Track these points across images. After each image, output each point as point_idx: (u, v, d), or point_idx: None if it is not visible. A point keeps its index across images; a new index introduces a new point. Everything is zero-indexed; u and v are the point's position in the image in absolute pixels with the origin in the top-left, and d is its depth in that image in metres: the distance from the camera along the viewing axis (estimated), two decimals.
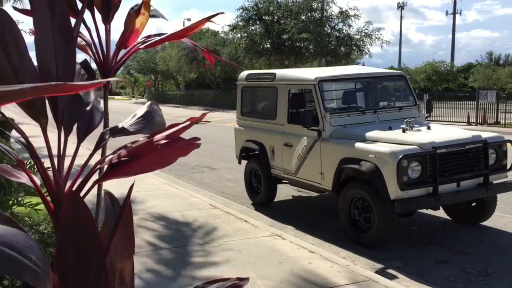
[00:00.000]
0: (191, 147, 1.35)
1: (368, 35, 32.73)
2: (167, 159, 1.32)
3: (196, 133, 5.44)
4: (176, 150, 1.32)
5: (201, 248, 5.37)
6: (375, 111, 6.73)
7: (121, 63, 1.58)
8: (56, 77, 1.04)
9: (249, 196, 8.11)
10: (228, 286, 1.29)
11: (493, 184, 5.94)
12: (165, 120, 1.60)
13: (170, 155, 1.32)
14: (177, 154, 1.33)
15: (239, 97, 8.35)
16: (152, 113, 1.46)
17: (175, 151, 1.32)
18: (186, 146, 1.34)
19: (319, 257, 5.09)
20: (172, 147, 1.31)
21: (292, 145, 6.90)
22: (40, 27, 1.04)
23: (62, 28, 1.02)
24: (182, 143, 1.33)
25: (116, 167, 1.18)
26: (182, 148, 1.33)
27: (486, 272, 5.00)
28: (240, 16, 33.97)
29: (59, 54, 1.02)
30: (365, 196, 5.70)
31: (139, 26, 1.52)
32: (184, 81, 54.63)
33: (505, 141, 6.11)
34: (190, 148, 1.35)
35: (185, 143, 1.34)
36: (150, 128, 1.40)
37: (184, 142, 1.34)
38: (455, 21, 59.29)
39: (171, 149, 1.31)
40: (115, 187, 6.89)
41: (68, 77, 1.05)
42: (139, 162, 1.17)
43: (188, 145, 1.34)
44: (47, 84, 0.71)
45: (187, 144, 1.34)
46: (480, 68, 44.22)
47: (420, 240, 6.15)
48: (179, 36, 1.57)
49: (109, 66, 1.52)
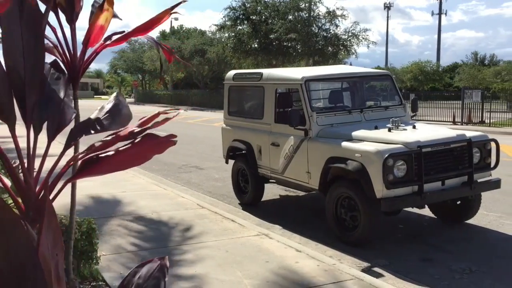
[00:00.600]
0: (166, 144, 1.34)
1: (355, 35, 32.88)
2: (142, 157, 1.31)
3: (184, 133, 5.50)
4: (151, 147, 1.32)
5: (187, 248, 5.35)
6: (361, 110, 6.77)
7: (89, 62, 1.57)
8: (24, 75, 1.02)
9: (237, 195, 8.11)
10: (156, 266, 1.32)
11: (478, 182, 6.01)
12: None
13: (145, 152, 1.31)
14: (153, 151, 1.32)
15: (226, 97, 8.34)
16: (119, 105, 1.45)
17: (150, 148, 1.31)
18: (162, 143, 1.33)
19: (306, 256, 5.11)
20: (147, 144, 1.30)
21: (279, 145, 6.91)
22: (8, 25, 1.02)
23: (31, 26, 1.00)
24: (158, 140, 1.32)
25: (90, 165, 1.16)
26: (158, 145, 1.32)
27: (471, 269, 5.06)
28: (227, 15, 33.94)
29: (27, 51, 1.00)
30: (352, 195, 5.73)
31: (104, 22, 1.51)
32: (171, 80, 54.41)
33: (489, 140, 6.19)
34: (166, 145, 1.34)
35: (161, 140, 1.33)
36: (118, 122, 1.39)
37: (160, 139, 1.33)
38: (440, 22, 60.00)
39: (146, 146, 1.30)
40: (99, 187, 6.88)
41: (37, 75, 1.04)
42: (114, 159, 1.16)
43: (163, 142, 1.33)
44: None
45: (162, 141, 1.33)
46: (465, 68, 44.68)
47: (406, 238, 6.20)
48: (143, 30, 1.56)
49: (76, 65, 1.51)
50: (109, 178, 9.18)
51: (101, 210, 6.98)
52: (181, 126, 23.22)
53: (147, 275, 1.35)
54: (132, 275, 1.37)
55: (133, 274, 1.38)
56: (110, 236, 5.75)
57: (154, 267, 1.40)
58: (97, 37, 1.65)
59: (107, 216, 6.61)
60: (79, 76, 1.66)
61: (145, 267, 1.40)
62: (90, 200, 7.59)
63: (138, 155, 1.29)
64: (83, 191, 7.99)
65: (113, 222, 6.34)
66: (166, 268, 1.39)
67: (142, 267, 1.40)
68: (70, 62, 1.62)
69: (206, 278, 4.49)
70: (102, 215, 6.66)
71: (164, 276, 1.37)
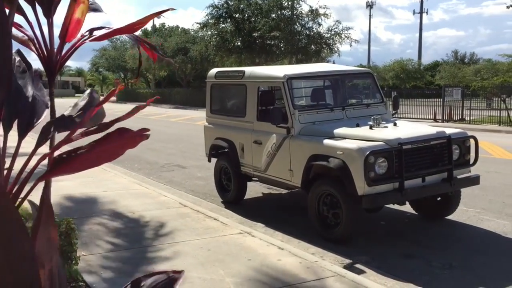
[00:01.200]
0: (139, 138, 1.32)
1: (338, 34, 33.09)
2: (115, 152, 1.28)
3: (166, 131, 5.47)
4: (123, 142, 1.29)
5: (169, 247, 5.32)
6: (343, 108, 6.80)
7: (66, 57, 1.53)
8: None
9: (219, 194, 8.09)
10: (165, 279, 1.27)
11: (457, 179, 6.08)
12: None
13: (118, 147, 1.29)
14: (125, 146, 1.30)
15: (208, 95, 8.30)
16: (92, 103, 1.42)
17: (123, 143, 1.29)
18: (134, 138, 1.31)
19: (288, 254, 5.11)
20: (119, 138, 1.28)
21: (261, 143, 6.90)
22: None
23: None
24: (130, 134, 1.30)
25: (61, 163, 1.13)
26: (130, 140, 1.30)
27: (451, 265, 5.12)
28: (210, 14, 33.82)
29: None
30: (334, 192, 5.75)
31: (80, 15, 1.47)
32: (154, 79, 54.05)
33: (468, 137, 6.27)
34: (138, 140, 1.32)
35: (133, 134, 1.30)
36: (92, 119, 1.36)
37: (132, 133, 1.30)
38: (422, 20, 60.61)
39: (118, 141, 1.28)
40: (79, 187, 6.80)
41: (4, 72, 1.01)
42: (85, 156, 1.14)
43: (136, 137, 1.31)
44: None
45: (135, 135, 1.31)
46: (446, 66, 45.23)
47: (387, 235, 6.26)
48: (126, 31, 1.53)
49: (53, 61, 1.47)
50: (90, 177, 9.08)
51: (81, 210, 6.89)
52: (164, 124, 23.08)
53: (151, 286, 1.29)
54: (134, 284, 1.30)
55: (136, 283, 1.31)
56: (91, 236, 5.68)
57: (161, 279, 1.31)
58: (74, 31, 1.61)
59: (88, 216, 6.53)
60: (56, 71, 1.62)
61: (151, 277, 1.32)
62: (70, 200, 7.49)
63: (110, 150, 1.26)
64: (64, 191, 7.89)
65: (94, 222, 6.27)
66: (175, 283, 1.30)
67: (149, 278, 1.33)
68: (46, 57, 1.58)
69: (188, 277, 4.46)
70: (83, 215, 6.58)
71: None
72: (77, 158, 1.13)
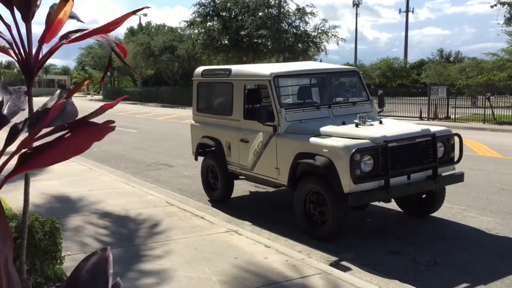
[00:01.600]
0: (105, 131, 1.32)
1: (325, 32, 33.20)
2: (81, 145, 1.29)
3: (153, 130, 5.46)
4: (89, 135, 1.29)
5: (156, 245, 5.30)
6: (329, 106, 6.83)
7: (44, 60, 1.53)
8: None
9: (206, 192, 8.07)
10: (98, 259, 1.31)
11: (442, 176, 6.14)
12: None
13: (84, 141, 1.29)
14: (91, 139, 1.30)
15: (195, 93, 8.28)
16: (63, 103, 1.41)
17: (88, 136, 1.29)
18: (100, 130, 1.31)
19: (275, 252, 5.13)
20: (85, 132, 1.28)
21: (248, 141, 6.90)
22: None
23: None
24: (95, 127, 1.30)
25: (28, 160, 1.13)
26: (96, 133, 1.30)
27: (435, 261, 5.18)
28: (197, 12, 33.71)
29: None
30: (320, 190, 5.78)
31: (63, 16, 1.47)
32: (141, 77, 53.72)
33: (453, 135, 6.33)
34: (104, 132, 1.32)
35: (99, 127, 1.31)
36: (61, 119, 1.36)
37: (98, 126, 1.31)
38: (407, 19, 61.07)
39: (84, 134, 1.28)
40: (65, 186, 6.74)
41: None
42: (52, 151, 1.13)
43: (101, 129, 1.31)
44: None
45: (100, 128, 1.31)
46: (431, 65, 45.66)
47: (373, 232, 6.30)
48: (103, 31, 1.52)
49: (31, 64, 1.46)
50: (75, 177, 9.01)
51: (67, 209, 6.83)
52: (151, 123, 22.97)
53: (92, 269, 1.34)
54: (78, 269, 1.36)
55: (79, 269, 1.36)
56: (77, 235, 5.64)
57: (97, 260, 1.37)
58: (53, 33, 1.61)
59: (74, 215, 6.48)
60: (33, 74, 1.62)
61: (90, 260, 1.39)
62: (55, 199, 7.42)
63: (76, 144, 1.26)
64: (48, 190, 7.82)
65: (80, 221, 6.22)
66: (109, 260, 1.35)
67: (87, 261, 1.38)
68: (24, 60, 1.58)
69: (174, 275, 4.45)
70: (68, 214, 6.53)
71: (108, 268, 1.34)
72: (43, 153, 1.13)
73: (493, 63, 38.55)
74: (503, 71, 31.49)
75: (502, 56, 38.88)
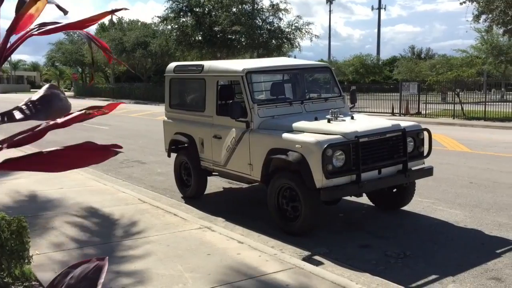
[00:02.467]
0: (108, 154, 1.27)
1: (299, 29, 33.35)
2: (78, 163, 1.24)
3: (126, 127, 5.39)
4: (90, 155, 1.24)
5: (127, 243, 5.24)
6: (302, 102, 6.86)
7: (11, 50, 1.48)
8: None
9: (179, 189, 8.02)
10: (92, 267, 1.25)
11: (412, 170, 6.25)
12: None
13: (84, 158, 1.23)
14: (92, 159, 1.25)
15: (167, 89, 8.20)
16: (48, 97, 1.36)
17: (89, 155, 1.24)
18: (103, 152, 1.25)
19: (248, 247, 5.13)
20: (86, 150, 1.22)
21: (221, 137, 6.88)
22: None
23: None
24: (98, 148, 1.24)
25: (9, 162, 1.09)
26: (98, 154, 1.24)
27: (405, 254, 5.27)
28: (170, 7, 33.39)
29: None
30: (293, 185, 5.80)
31: (35, 11, 1.43)
32: (113, 73, 52.94)
33: (422, 130, 6.44)
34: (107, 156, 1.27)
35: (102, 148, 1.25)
36: (46, 114, 1.30)
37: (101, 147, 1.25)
38: (380, 16, 61.91)
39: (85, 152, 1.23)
40: (34, 184, 6.61)
41: None
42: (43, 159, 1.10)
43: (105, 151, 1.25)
44: None
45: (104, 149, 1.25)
46: (403, 61, 46.45)
47: (345, 226, 6.37)
48: (77, 27, 1.49)
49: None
50: (45, 175, 8.82)
51: (36, 207, 6.70)
52: (124, 120, 22.67)
53: (80, 276, 1.27)
54: (63, 275, 1.30)
55: (64, 274, 1.30)
56: (46, 234, 5.53)
57: (89, 268, 1.31)
58: (23, 25, 1.56)
59: (42, 214, 6.35)
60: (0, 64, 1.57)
61: (79, 267, 1.32)
62: (25, 197, 7.26)
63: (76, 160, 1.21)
64: (17, 188, 7.65)
65: (49, 219, 6.10)
66: (103, 270, 1.29)
67: (76, 267, 1.32)
68: None
69: (146, 273, 4.41)
70: (37, 212, 6.40)
71: (99, 278, 1.28)
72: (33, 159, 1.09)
73: (462, 59, 39.49)
74: (472, 67, 32.28)
75: (471, 53, 39.85)
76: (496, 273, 4.74)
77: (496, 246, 5.45)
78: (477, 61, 37.95)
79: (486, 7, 22.91)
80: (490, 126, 18.17)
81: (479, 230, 6.00)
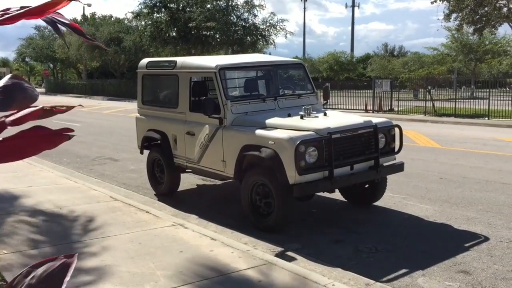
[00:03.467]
0: (60, 139, 1.20)
1: (273, 26, 33.36)
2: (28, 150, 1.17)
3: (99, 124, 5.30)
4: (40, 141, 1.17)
5: (97, 242, 5.15)
6: (275, 98, 6.86)
7: None
8: None
9: (152, 186, 7.94)
10: (58, 265, 1.19)
11: (383, 166, 6.33)
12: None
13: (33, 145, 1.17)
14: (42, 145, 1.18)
15: (139, 86, 8.09)
16: (8, 87, 1.28)
17: (39, 141, 1.17)
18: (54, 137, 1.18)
19: (221, 244, 5.12)
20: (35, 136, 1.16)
21: (194, 134, 6.83)
22: None
23: None
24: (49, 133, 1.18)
25: None
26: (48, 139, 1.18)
27: (377, 248, 5.34)
28: (143, 3, 32.96)
29: None
30: (266, 182, 5.81)
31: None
32: (85, 69, 52.00)
33: (393, 126, 6.53)
34: (59, 141, 1.20)
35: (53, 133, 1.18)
36: (5, 105, 1.22)
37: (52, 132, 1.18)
38: (354, 14, 62.51)
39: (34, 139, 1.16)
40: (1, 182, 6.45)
41: None
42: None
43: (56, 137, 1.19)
44: None
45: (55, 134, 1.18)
46: (376, 59, 46.99)
47: (318, 222, 6.42)
48: (37, 13, 1.42)
49: None
50: (13, 172, 8.60)
51: (3, 206, 6.52)
52: (96, 117, 22.31)
53: (43, 275, 1.20)
54: (24, 275, 1.22)
55: (25, 274, 1.23)
56: (14, 233, 5.39)
57: (54, 266, 1.23)
58: None
59: (9, 213, 6.20)
60: None
61: (43, 266, 1.24)
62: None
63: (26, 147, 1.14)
64: None
65: (16, 219, 5.96)
66: (69, 268, 1.22)
67: (39, 267, 1.24)
68: None
69: (117, 271, 4.35)
70: (4, 211, 6.24)
71: (65, 276, 1.21)
72: None
73: (434, 57, 40.22)
74: (442, 65, 32.91)
75: (442, 51, 40.62)
76: (464, 266, 4.84)
77: (465, 240, 5.58)
78: (447, 59, 38.75)
79: (457, 6, 23.39)
80: (460, 123, 18.57)
81: (448, 224, 6.12)
